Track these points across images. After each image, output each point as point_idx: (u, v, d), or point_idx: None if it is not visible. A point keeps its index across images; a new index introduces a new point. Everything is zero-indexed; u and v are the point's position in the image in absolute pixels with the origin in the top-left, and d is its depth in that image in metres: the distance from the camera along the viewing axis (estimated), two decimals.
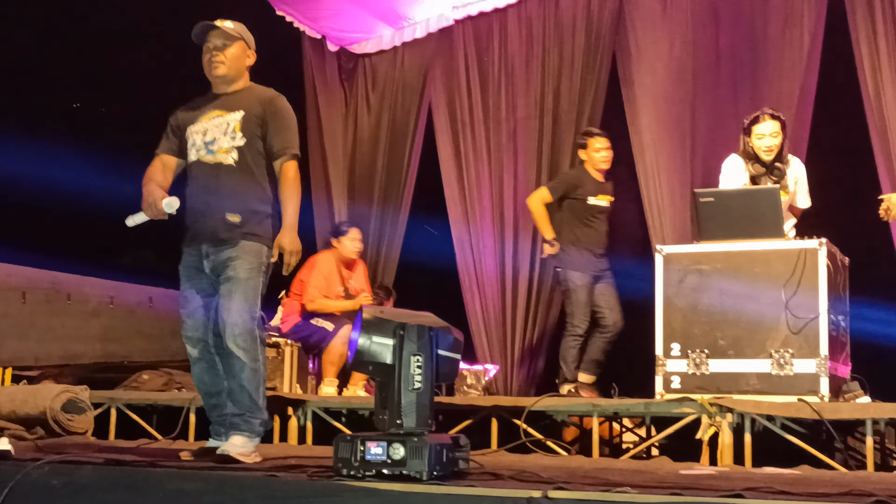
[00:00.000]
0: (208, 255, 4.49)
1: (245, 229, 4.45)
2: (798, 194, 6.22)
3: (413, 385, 3.50)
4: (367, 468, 3.39)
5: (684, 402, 5.30)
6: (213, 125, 4.58)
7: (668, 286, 5.64)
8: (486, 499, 2.94)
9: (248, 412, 4.40)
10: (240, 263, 4.41)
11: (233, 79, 4.64)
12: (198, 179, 4.56)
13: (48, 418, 5.75)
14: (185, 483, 3.34)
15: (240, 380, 4.40)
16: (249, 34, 4.74)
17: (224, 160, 4.52)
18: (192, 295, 4.56)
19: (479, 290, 8.70)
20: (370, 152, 9.58)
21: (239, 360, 4.38)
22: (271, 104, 4.59)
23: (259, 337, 4.44)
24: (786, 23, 7.66)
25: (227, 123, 4.55)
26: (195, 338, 4.53)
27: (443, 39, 9.28)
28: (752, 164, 6.07)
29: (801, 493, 3.08)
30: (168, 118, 4.73)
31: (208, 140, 4.55)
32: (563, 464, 4.79)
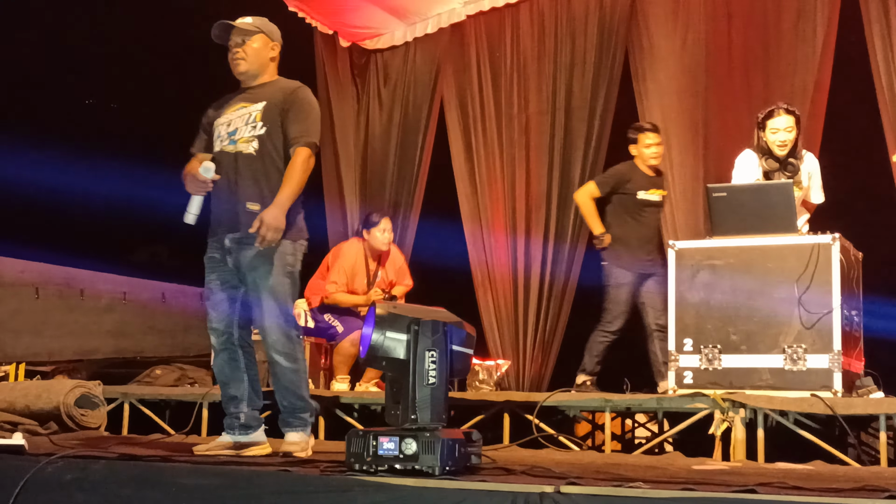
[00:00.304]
0: (230, 251, 4.55)
1: None
2: (812, 189, 6.20)
3: (428, 380, 3.51)
4: (379, 463, 3.39)
5: (697, 397, 5.29)
6: (237, 116, 4.65)
7: (680, 281, 5.64)
8: (498, 494, 2.95)
9: (296, 409, 4.55)
10: (266, 270, 4.47)
11: (256, 73, 4.70)
12: (221, 168, 4.61)
13: (62, 413, 5.77)
14: (199, 478, 3.36)
15: (284, 382, 4.53)
16: (272, 26, 4.79)
17: (244, 149, 4.58)
18: (216, 287, 4.62)
19: (491, 285, 8.69)
20: (382, 148, 9.58)
21: (279, 366, 4.51)
22: (293, 94, 4.63)
23: (295, 336, 4.55)
24: (799, 17, 7.63)
25: (250, 114, 4.62)
26: (219, 329, 4.60)
27: (455, 35, 9.27)
28: (765, 159, 6.06)
29: (815, 489, 3.07)
30: (201, 117, 4.79)
31: (231, 130, 4.62)
32: (576, 459, 4.79)
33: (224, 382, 4.64)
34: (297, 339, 4.56)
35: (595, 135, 8.36)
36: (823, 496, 2.90)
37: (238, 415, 4.58)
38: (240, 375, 4.62)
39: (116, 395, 6.57)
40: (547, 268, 8.44)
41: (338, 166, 9.66)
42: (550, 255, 8.40)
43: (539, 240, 8.49)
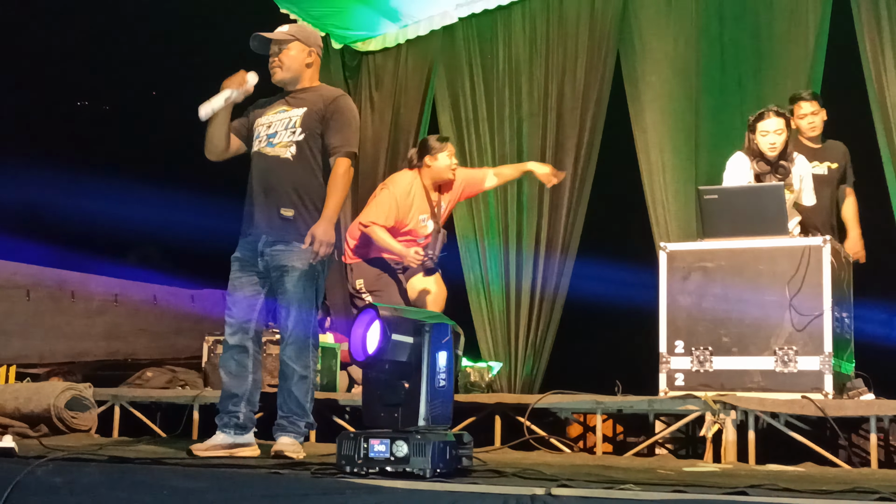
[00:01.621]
0: (263, 254, 4.65)
1: (300, 229, 4.58)
2: (803, 192, 6.22)
3: (439, 383, 3.53)
4: (370, 465, 3.39)
5: (688, 399, 5.30)
6: (277, 119, 4.75)
7: (671, 283, 5.64)
8: (489, 496, 2.94)
9: (294, 415, 4.61)
10: (295, 275, 4.57)
11: (293, 79, 4.79)
12: (257, 170, 4.73)
13: (52, 416, 5.77)
14: (189, 481, 3.35)
15: (290, 385, 4.60)
16: (309, 31, 4.90)
17: (282, 153, 4.68)
18: (240, 285, 4.71)
19: (483, 286, 8.69)
20: (373, 151, 9.57)
21: (290, 368, 4.60)
22: (334, 102, 4.72)
23: (312, 345, 4.63)
24: (791, 20, 7.65)
25: (290, 118, 4.71)
26: (236, 325, 4.68)
27: (447, 37, 9.27)
28: (756, 161, 6.07)
29: (805, 491, 3.07)
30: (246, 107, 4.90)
31: (271, 133, 4.72)
32: (567, 461, 4.79)
33: (227, 379, 4.69)
34: (313, 350, 4.65)
35: (587, 137, 8.36)
36: (814, 498, 2.91)
37: (237, 413, 4.63)
38: (245, 374, 4.68)
39: (107, 397, 6.55)
40: (539, 270, 8.44)
41: None
42: (542, 257, 8.40)
43: (531, 242, 8.49)
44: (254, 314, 4.69)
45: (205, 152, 4.84)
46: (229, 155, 4.86)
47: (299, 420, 4.62)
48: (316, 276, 4.64)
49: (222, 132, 4.74)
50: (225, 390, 4.70)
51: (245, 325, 4.67)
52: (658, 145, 8.02)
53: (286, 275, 4.59)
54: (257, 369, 4.73)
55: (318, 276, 4.66)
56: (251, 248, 4.70)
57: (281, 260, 4.60)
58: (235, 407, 4.65)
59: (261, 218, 4.68)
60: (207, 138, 4.76)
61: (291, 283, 4.58)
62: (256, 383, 4.73)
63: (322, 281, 4.71)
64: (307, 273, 4.59)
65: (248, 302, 4.68)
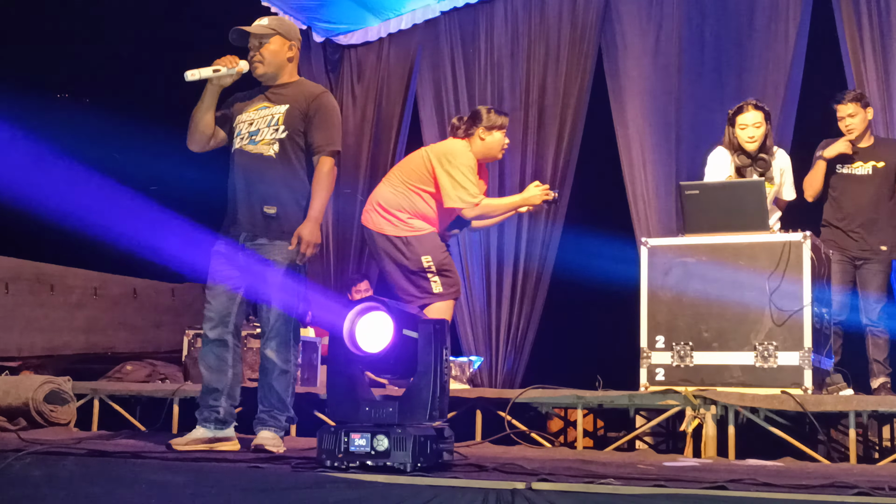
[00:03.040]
0: (244, 249, 4.62)
1: (282, 225, 4.58)
2: (784, 186, 6.24)
3: (444, 377, 3.56)
4: (350, 460, 3.39)
5: (668, 394, 5.31)
6: (259, 116, 4.70)
7: (652, 279, 5.65)
8: (469, 490, 2.95)
9: (275, 409, 4.60)
10: (277, 270, 4.56)
11: (274, 74, 4.75)
12: (239, 168, 4.69)
13: (30, 409, 5.73)
14: (168, 475, 3.34)
15: (270, 380, 4.60)
16: (289, 25, 4.85)
17: (265, 151, 4.64)
18: (219, 280, 4.67)
19: (464, 281, 8.69)
20: (355, 144, 9.55)
21: (271, 362, 4.59)
22: (316, 100, 4.70)
23: (294, 340, 4.63)
24: (771, 16, 7.69)
25: (272, 116, 4.68)
26: (216, 320, 4.64)
27: (429, 31, 9.26)
28: (737, 155, 6.09)
29: (784, 485, 3.09)
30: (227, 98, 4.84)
31: (253, 130, 4.68)
32: (548, 455, 4.80)
33: (207, 374, 4.67)
34: (294, 344, 4.65)
35: (568, 132, 8.37)
36: (793, 493, 2.92)
37: (217, 408, 4.61)
38: (225, 369, 4.65)
39: (86, 391, 6.51)
40: (520, 264, 8.45)
41: None
42: (524, 252, 8.41)
43: (512, 236, 8.49)
44: (233, 308, 4.66)
45: (188, 142, 4.79)
46: (212, 146, 4.81)
47: (280, 414, 4.61)
48: (298, 270, 4.64)
49: (209, 118, 4.70)
50: (205, 384, 4.68)
51: (225, 320, 4.65)
52: (639, 140, 8.04)
53: (268, 269, 4.58)
54: (237, 363, 4.71)
55: (300, 270, 4.66)
56: (231, 243, 4.68)
57: (263, 254, 4.60)
58: (216, 401, 4.62)
59: (243, 215, 4.65)
60: (192, 125, 4.72)
61: (273, 278, 4.57)
62: (237, 377, 4.70)
63: (304, 275, 4.71)
64: (289, 268, 4.59)
65: (228, 296, 4.66)
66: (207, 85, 4.65)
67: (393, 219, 5.93)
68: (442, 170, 5.88)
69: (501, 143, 6.06)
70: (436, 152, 6.00)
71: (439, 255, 5.91)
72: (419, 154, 6.12)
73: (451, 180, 5.86)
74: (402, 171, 6.07)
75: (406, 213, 5.93)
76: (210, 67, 4.55)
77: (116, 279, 9.04)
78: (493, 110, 6.11)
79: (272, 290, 4.58)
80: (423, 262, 5.86)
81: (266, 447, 4.43)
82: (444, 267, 5.93)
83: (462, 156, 5.92)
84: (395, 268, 5.96)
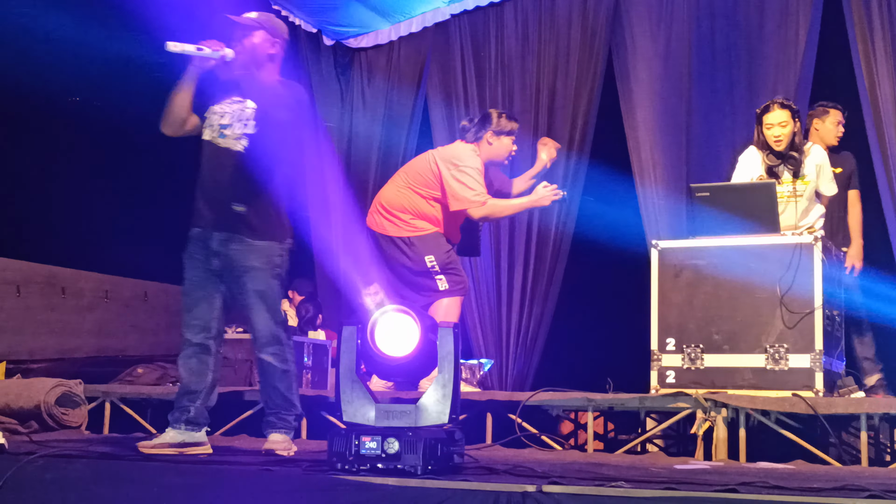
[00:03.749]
0: (218, 254, 4.55)
1: (254, 225, 4.51)
2: (822, 182, 6.18)
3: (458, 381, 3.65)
4: (361, 462, 3.39)
5: (679, 396, 5.30)
6: (231, 109, 4.62)
7: (663, 281, 5.64)
8: (480, 493, 2.95)
9: (282, 410, 4.59)
10: (256, 274, 4.51)
11: (254, 68, 4.68)
12: (209, 162, 4.62)
13: (42, 412, 5.75)
14: (180, 477, 3.34)
15: (272, 381, 4.59)
16: (276, 23, 4.78)
17: (233, 146, 4.57)
18: (199, 282, 4.61)
19: (474, 283, 8.69)
20: (365, 147, 9.56)
21: (270, 365, 4.57)
22: (287, 93, 4.65)
23: (285, 337, 4.60)
24: (781, 18, 7.67)
25: (244, 110, 4.59)
26: (198, 326, 4.59)
27: (439, 34, 9.27)
28: (767, 154, 6.07)
29: (795, 488, 3.08)
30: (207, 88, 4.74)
31: (224, 123, 4.60)
32: (558, 458, 4.79)
33: (187, 376, 4.61)
34: (286, 341, 4.61)
35: (578, 134, 8.37)
36: (804, 496, 2.91)
37: (189, 408, 4.56)
38: (206, 372, 4.60)
39: (98, 393, 6.53)
40: (530, 266, 8.45)
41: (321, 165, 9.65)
42: (534, 254, 8.41)
43: (522, 238, 8.49)
44: (214, 314, 4.60)
45: (161, 125, 4.66)
46: (186, 131, 4.68)
47: (287, 414, 4.61)
48: (276, 269, 4.57)
49: (186, 100, 4.58)
50: (183, 386, 4.62)
51: (207, 325, 4.58)
52: (649, 143, 8.03)
53: (246, 275, 4.52)
54: (218, 368, 4.66)
55: (279, 268, 4.59)
56: (203, 246, 4.58)
57: (239, 260, 4.52)
58: (190, 402, 4.57)
59: (211, 212, 4.56)
60: (169, 106, 4.59)
61: (253, 282, 4.51)
62: (215, 381, 4.65)
63: (284, 273, 4.63)
64: (267, 269, 4.53)
65: (208, 302, 4.59)
66: (189, 66, 4.53)
67: (395, 220, 5.99)
68: (448, 174, 5.93)
69: (509, 148, 6.13)
70: (441, 156, 6.04)
71: (442, 254, 5.95)
72: (425, 157, 6.15)
73: (457, 183, 5.91)
74: (408, 173, 6.11)
75: (408, 213, 5.97)
76: (194, 45, 4.44)
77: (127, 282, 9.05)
78: (505, 115, 6.16)
79: (253, 294, 4.52)
80: (426, 262, 5.91)
81: (276, 451, 4.43)
82: (449, 265, 5.96)
83: (468, 159, 5.96)
84: (398, 268, 6.03)
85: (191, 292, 4.61)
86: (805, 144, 6.13)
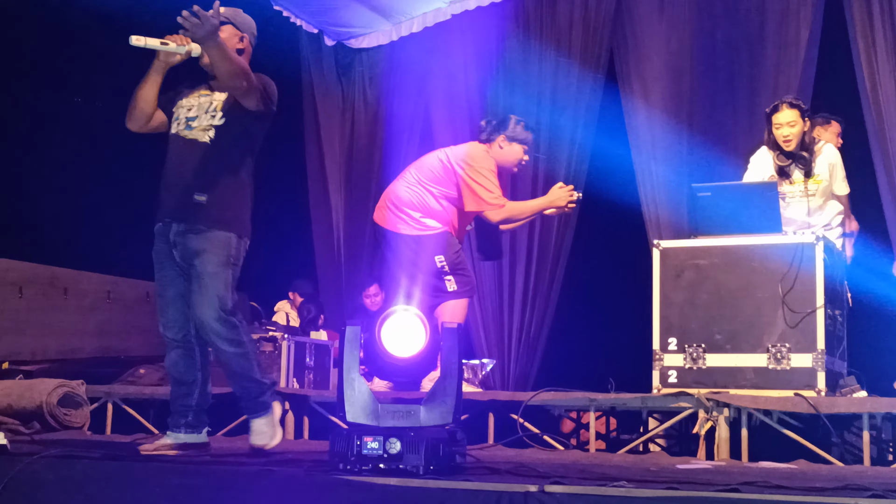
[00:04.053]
0: (176, 244, 4.43)
1: (213, 215, 4.39)
2: (835, 181, 6.17)
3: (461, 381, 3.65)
4: (363, 462, 3.39)
5: (681, 396, 5.30)
6: (198, 103, 4.54)
7: (665, 281, 5.64)
8: (482, 493, 2.95)
9: (251, 392, 4.47)
10: (208, 258, 4.36)
11: None
12: (173, 154, 4.51)
13: (44, 412, 5.75)
14: (181, 478, 3.35)
15: (234, 368, 4.44)
16: (244, 18, 4.67)
17: (200, 137, 4.47)
18: (170, 281, 4.51)
19: (476, 283, 8.68)
20: (367, 147, 9.57)
21: (224, 352, 4.40)
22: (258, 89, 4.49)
23: (236, 321, 4.39)
24: (782, 19, 7.67)
25: (211, 102, 4.52)
26: (176, 327, 4.50)
27: (440, 34, 9.27)
28: (777, 154, 6.07)
29: (798, 488, 3.08)
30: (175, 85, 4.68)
31: (191, 116, 4.51)
32: (560, 458, 4.79)
33: (176, 379, 4.54)
34: (238, 324, 4.42)
35: (580, 135, 8.37)
36: (806, 495, 2.91)
37: (186, 413, 4.50)
38: (194, 371, 4.53)
39: (100, 394, 6.53)
40: (532, 266, 8.45)
41: (323, 165, 9.66)
42: (536, 254, 8.41)
43: (524, 238, 8.49)
44: (188, 311, 4.46)
45: (127, 121, 4.59)
46: (151, 128, 4.60)
47: (259, 394, 4.48)
48: (230, 258, 4.41)
49: (151, 95, 4.51)
50: (174, 391, 4.55)
51: (184, 327, 4.49)
52: (650, 142, 8.03)
53: (198, 258, 4.37)
54: (206, 365, 4.56)
55: (233, 258, 4.43)
56: (165, 240, 4.48)
57: (194, 245, 4.39)
58: (186, 407, 4.50)
59: (172, 203, 4.45)
60: (134, 101, 4.52)
61: (204, 266, 4.36)
62: (206, 380, 4.56)
63: (238, 267, 4.47)
64: (220, 255, 4.38)
65: (181, 301, 4.46)
66: (154, 60, 4.45)
67: (405, 217, 5.90)
68: (464, 174, 5.87)
69: (519, 157, 6.03)
70: (456, 156, 5.97)
71: (452, 255, 5.88)
72: (437, 155, 6.11)
73: (475, 185, 5.85)
74: (419, 169, 6.05)
75: (418, 211, 5.90)
76: (158, 39, 4.33)
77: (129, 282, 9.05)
78: (523, 123, 6.06)
79: (204, 278, 4.35)
80: (435, 262, 5.83)
81: (265, 447, 4.36)
82: (459, 265, 5.89)
83: (483, 160, 5.90)
84: (406, 267, 5.92)
85: (163, 292, 4.53)
86: (817, 143, 6.12)
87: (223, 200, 4.43)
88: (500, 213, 5.90)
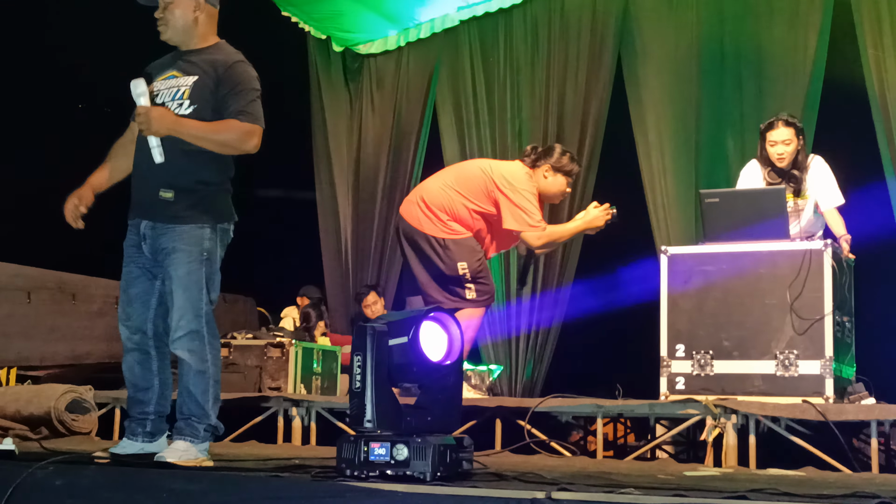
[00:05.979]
0: (146, 238, 4.17)
1: (183, 210, 4.09)
2: (826, 193, 6.08)
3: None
4: (370, 469, 3.38)
5: (689, 403, 5.29)
6: (165, 88, 4.17)
7: (672, 287, 5.63)
8: (489, 500, 2.94)
9: (192, 417, 4.08)
10: (179, 257, 4.06)
11: (182, 40, 4.21)
12: (141, 146, 4.13)
13: (52, 418, 5.76)
14: (189, 483, 3.34)
15: (186, 383, 4.08)
16: None
17: None
18: (135, 278, 4.24)
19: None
20: (375, 153, 9.58)
21: (185, 363, 4.07)
22: (229, 70, 4.13)
23: (208, 335, 4.10)
24: (790, 24, 7.66)
25: (178, 88, 4.14)
26: (134, 326, 4.23)
27: (448, 40, 9.28)
28: (768, 171, 6.05)
29: (806, 495, 3.07)
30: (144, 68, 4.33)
31: (157, 103, 4.11)
32: (568, 465, 4.79)
33: (132, 384, 4.24)
34: (209, 339, 4.09)
35: (588, 140, 8.38)
36: (815, 502, 2.90)
37: (144, 421, 4.23)
38: (150, 378, 4.23)
39: (108, 399, 6.54)
40: (539, 273, 8.44)
41: (331, 171, 9.67)
42: (543, 260, 8.40)
43: None
44: (149, 313, 4.21)
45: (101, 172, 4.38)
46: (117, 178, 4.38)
47: (198, 423, 4.07)
48: (203, 254, 4.09)
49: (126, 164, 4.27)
50: (130, 397, 4.29)
51: (143, 327, 4.20)
52: (659, 148, 8.03)
53: (169, 257, 4.07)
54: (164, 369, 4.27)
55: (206, 252, 4.11)
56: (135, 234, 4.21)
57: (163, 242, 4.10)
58: (143, 415, 4.24)
59: (140, 200, 4.18)
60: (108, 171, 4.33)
61: (175, 267, 4.06)
62: (164, 385, 4.28)
63: (215, 260, 4.15)
64: (192, 253, 4.07)
65: (143, 300, 4.20)
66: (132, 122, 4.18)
67: (433, 217, 5.86)
68: (505, 194, 5.82)
69: (563, 189, 6.00)
70: (498, 173, 5.90)
71: (474, 262, 5.85)
72: (478, 165, 6.07)
73: (514, 206, 5.81)
74: (458, 176, 6.01)
75: (446, 214, 5.86)
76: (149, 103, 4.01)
77: None
78: (569, 155, 6.03)
79: (175, 280, 4.06)
80: (458, 269, 5.80)
81: (170, 461, 3.92)
82: (480, 274, 5.87)
83: (526, 182, 5.85)
84: (428, 268, 5.90)
85: (126, 289, 4.27)
86: (808, 160, 6.10)
87: (193, 195, 4.11)
88: (541, 237, 5.85)
